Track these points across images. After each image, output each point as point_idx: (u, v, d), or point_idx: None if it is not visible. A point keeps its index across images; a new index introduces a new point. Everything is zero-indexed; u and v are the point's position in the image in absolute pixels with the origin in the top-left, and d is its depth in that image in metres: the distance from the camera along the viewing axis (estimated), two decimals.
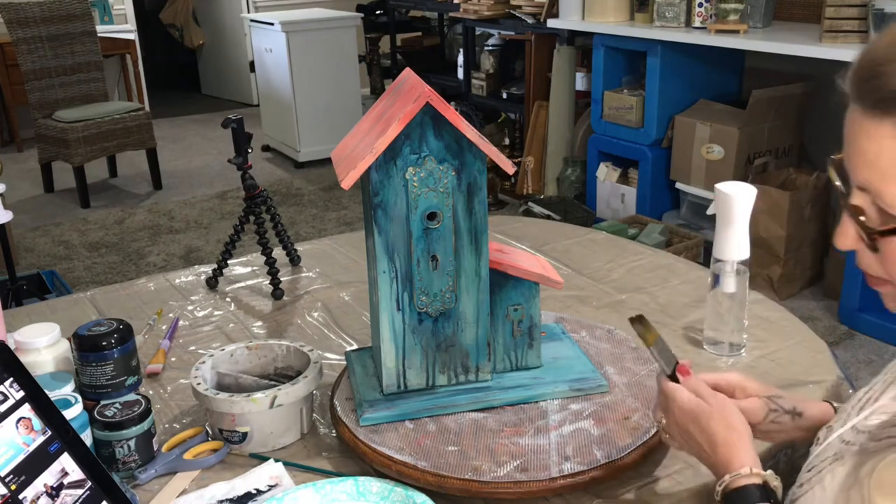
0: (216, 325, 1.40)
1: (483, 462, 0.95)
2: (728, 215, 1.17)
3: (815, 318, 3.03)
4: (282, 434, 1.05)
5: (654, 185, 3.61)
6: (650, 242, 3.15)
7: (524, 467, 0.94)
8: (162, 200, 4.68)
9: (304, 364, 1.10)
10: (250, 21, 5.40)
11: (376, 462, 0.97)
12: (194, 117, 6.74)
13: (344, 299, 1.48)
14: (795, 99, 3.40)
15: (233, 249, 1.54)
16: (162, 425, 1.11)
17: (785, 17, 3.44)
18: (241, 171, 1.49)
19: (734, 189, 1.17)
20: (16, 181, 5.01)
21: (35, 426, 0.84)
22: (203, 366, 1.09)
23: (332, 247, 1.73)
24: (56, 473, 0.83)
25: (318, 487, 0.93)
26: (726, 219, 1.18)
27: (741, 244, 1.18)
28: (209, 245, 3.99)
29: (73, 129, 4.40)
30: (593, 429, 1.01)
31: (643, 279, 1.51)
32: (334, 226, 4.16)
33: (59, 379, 1.02)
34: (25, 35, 4.48)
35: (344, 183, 0.93)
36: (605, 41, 3.69)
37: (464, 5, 4.62)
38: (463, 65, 5.00)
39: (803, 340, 1.27)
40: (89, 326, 1.05)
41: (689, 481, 0.96)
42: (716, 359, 1.22)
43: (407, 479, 0.94)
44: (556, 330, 1.21)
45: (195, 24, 7.32)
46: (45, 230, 4.23)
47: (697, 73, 3.52)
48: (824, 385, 1.15)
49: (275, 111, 5.29)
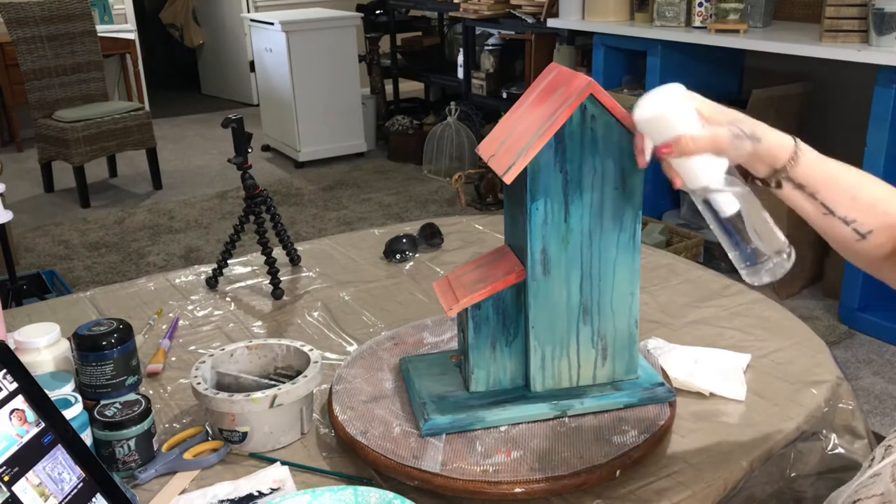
0: (216, 325, 1.40)
1: (483, 462, 0.95)
2: (668, 128, 0.86)
3: (815, 318, 3.03)
4: (282, 434, 1.05)
5: (654, 184, 3.61)
6: (650, 242, 3.15)
7: (525, 467, 0.94)
8: (162, 200, 4.68)
9: (304, 364, 1.10)
10: (250, 21, 5.39)
11: (379, 464, 0.97)
12: (194, 117, 6.74)
13: (344, 299, 1.48)
14: (795, 99, 3.40)
15: (233, 249, 1.54)
16: (162, 425, 1.11)
17: (785, 16, 3.44)
18: (241, 171, 1.49)
19: (657, 101, 0.87)
20: (16, 181, 5.01)
21: (28, 418, 0.84)
22: (203, 365, 1.09)
23: (332, 247, 1.73)
24: (49, 465, 0.83)
25: (315, 495, 0.93)
26: (667, 133, 0.86)
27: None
28: (209, 245, 3.98)
29: (73, 128, 4.40)
30: (593, 429, 1.01)
31: (643, 279, 1.49)
32: (334, 226, 4.16)
33: (59, 379, 1.02)
34: (25, 35, 4.48)
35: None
36: (605, 41, 3.69)
37: (464, 5, 4.62)
38: (463, 64, 5.01)
39: (803, 340, 1.27)
40: (89, 326, 1.05)
41: (690, 481, 0.96)
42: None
43: (406, 478, 0.94)
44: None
45: (195, 24, 7.32)
46: (45, 230, 4.23)
47: (697, 72, 3.52)
48: (824, 385, 1.15)
49: (275, 111, 5.29)
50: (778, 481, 1.04)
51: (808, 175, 0.87)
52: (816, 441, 1.09)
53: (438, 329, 1.27)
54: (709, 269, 1.56)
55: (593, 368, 1.06)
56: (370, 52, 5.63)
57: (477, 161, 4.51)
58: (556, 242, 0.99)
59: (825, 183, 0.87)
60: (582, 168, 0.97)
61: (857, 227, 0.87)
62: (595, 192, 0.98)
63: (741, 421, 1.08)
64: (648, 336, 1.26)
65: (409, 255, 1.64)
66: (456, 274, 1.08)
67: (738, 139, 0.85)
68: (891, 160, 2.71)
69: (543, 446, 0.97)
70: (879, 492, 0.76)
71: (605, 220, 1.00)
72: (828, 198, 0.87)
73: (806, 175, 0.87)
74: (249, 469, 1.01)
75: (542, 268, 1.00)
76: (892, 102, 2.65)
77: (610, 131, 0.96)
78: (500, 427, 1.01)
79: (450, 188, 4.57)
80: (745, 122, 0.87)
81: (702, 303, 1.41)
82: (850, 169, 0.88)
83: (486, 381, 1.05)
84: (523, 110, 1.04)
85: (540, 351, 1.03)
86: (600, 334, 1.04)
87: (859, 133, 2.81)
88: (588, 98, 0.94)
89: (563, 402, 1.03)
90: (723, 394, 1.12)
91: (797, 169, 0.87)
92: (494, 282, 1.00)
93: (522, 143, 0.96)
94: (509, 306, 1.02)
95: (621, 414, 1.03)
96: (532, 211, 0.97)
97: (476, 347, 1.03)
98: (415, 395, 1.06)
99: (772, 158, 0.86)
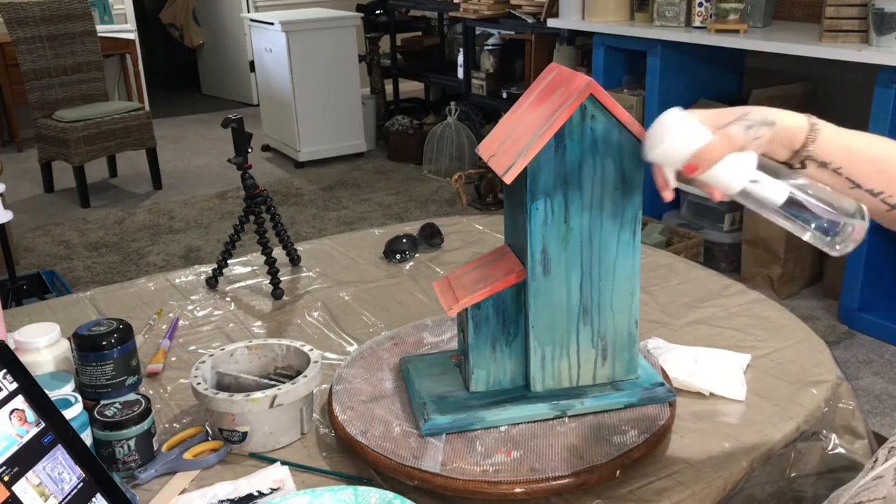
0: (216, 325, 1.40)
1: (483, 462, 0.95)
2: (678, 146, 0.86)
3: (815, 318, 3.03)
4: (282, 434, 1.05)
5: (653, 184, 3.61)
6: (650, 242, 3.15)
7: (525, 467, 0.94)
8: (162, 200, 4.68)
9: (304, 364, 1.10)
10: (250, 21, 5.40)
11: (379, 464, 0.97)
12: (194, 117, 6.74)
13: (344, 299, 1.48)
14: (795, 99, 3.40)
15: (233, 249, 1.54)
16: (162, 425, 1.11)
17: (785, 16, 3.44)
18: (241, 171, 1.49)
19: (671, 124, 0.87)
20: (16, 181, 5.01)
21: (28, 418, 0.84)
22: (203, 365, 1.09)
23: (332, 247, 1.73)
24: (49, 465, 0.83)
25: (315, 495, 0.93)
26: (679, 149, 0.86)
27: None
28: (209, 245, 3.99)
29: (73, 128, 4.40)
30: (593, 429, 1.01)
31: (643, 279, 1.49)
32: (334, 226, 4.16)
33: (59, 379, 1.02)
34: (25, 35, 4.48)
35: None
36: (605, 41, 3.69)
37: (464, 5, 4.62)
38: (463, 64, 5.01)
39: (803, 340, 1.27)
40: (89, 326, 1.05)
41: (690, 481, 0.96)
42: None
43: (406, 478, 0.94)
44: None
45: (195, 24, 7.32)
46: (45, 230, 4.23)
47: (697, 72, 3.52)
48: (824, 385, 1.15)
49: (275, 111, 5.29)
50: (778, 481, 1.04)
51: (828, 152, 0.86)
52: (816, 441, 1.09)
53: (438, 329, 1.27)
54: (709, 269, 1.56)
55: (593, 368, 1.06)
56: (370, 52, 5.63)
57: (477, 161, 4.51)
58: (556, 242, 0.99)
59: (847, 157, 0.86)
60: (582, 168, 0.97)
61: (885, 199, 0.86)
62: (595, 192, 0.98)
63: (741, 421, 1.08)
64: (648, 336, 1.27)
65: (409, 255, 1.64)
66: (456, 274, 1.08)
67: (751, 129, 0.84)
68: None
69: (543, 446, 0.97)
70: (882, 495, 0.75)
71: (605, 220, 1.00)
72: (853, 172, 0.86)
73: (827, 152, 0.86)
74: (249, 469, 1.01)
75: (542, 268, 1.00)
76: (892, 102, 2.65)
77: (610, 131, 0.96)
78: (500, 427, 1.01)
79: (450, 188, 4.57)
80: (754, 111, 0.86)
81: (702, 303, 1.41)
82: (874, 139, 0.87)
83: (486, 381, 1.05)
84: (523, 110, 1.04)
85: (540, 351, 1.03)
86: (600, 334, 1.04)
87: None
88: (588, 98, 0.94)
89: (563, 402, 1.03)
90: (723, 394, 1.12)
91: (816, 146, 0.86)
92: (494, 282, 1.00)
93: (522, 143, 0.96)
94: (509, 306, 1.02)
95: (621, 414, 1.03)
96: (532, 211, 0.97)
97: (476, 347, 1.03)
98: (415, 395, 1.06)
99: (790, 140, 0.86)
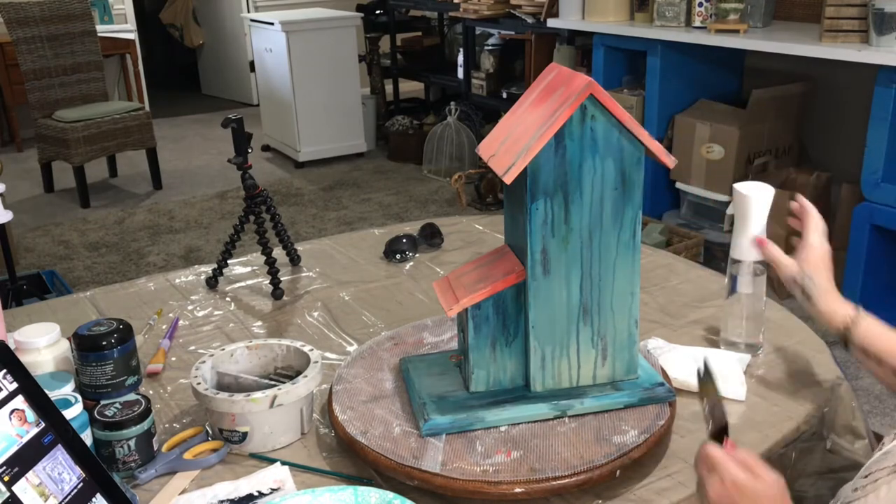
0: (216, 325, 1.40)
1: (483, 462, 0.95)
2: (745, 215, 1.18)
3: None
4: (282, 434, 1.05)
5: (653, 184, 3.61)
6: (650, 242, 3.15)
7: (525, 467, 0.94)
8: (162, 200, 4.68)
9: (304, 364, 1.10)
10: (250, 21, 5.39)
11: (379, 464, 0.97)
12: (194, 117, 6.74)
13: (344, 299, 1.48)
14: (795, 99, 3.40)
15: (233, 249, 1.54)
16: (162, 425, 1.11)
17: (785, 16, 3.44)
18: (241, 171, 1.49)
19: (751, 189, 1.17)
20: (16, 181, 5.01)
21: (28, 418, 0.84)
22: (203, 366, 1.09)
23: (332, 247, 1.73)
24: (49, 465, 0.83)
25: (315, 495, 0.93)
26: (744, 219, 1.18)
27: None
28: (209, 245, 3.98)
29: (73, 128, 4.40)
30: (593, 429, 1.01)
31: (643, 279, 1.50)
32: (334, 226, 4.16)
33: (59, 379, 1.02)
34: (25, 35, 4.48)
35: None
36: (605, 41, 3.69)
37: (464, 5, 4.62)
38: (463, 64, 5.00)
39: (803, 340, 1.27)
40: (89, 326, 1.05)
41: (690, 481, 0.96)
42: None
43: (406, 478, 0.94)
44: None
45: (195, 24, 7.32)
46: (45, 230, 4.23)
47: (697, 72, 3.52)
48: (824, 385, 1.15)
49: (275, 111, 5.29)
50: None
51: (869, 343, 0.99)
52: (816, 441, 1.09)
53: (438, 329, 1.27)
54: (709, 269, 1.56)
55: (593, 368, 1.06)
56: (370, 52, 5.63)
57: (477, 161, 4.51)
58: (556, 242, 0.99)
59: (890, 352, 0.97)
60: (582, 168, 0.97)
61: None
62: (595, 192, 0.98)
63: (741, 421, 1.08)
64: (648, 336, 1.26)
65: (409, 255, 1.64)
66: (456, 274, 1.08)
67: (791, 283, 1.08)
68: (891, 160, 2.71)
69: (543, 446, 0.97)
70: (892, 463, 0.77)
71: (605, 220, 1.00)
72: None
73: (867, 343, 0.99)
74: (249, 469, 1.01)
75: (542, 268, 1.00)
76: (892, 102, 2.64)
77: (610, 131, 0.96)
78: (500, 427, 1.01)
79: (450, 188, 4.57)
80: (815, 276, 1.05)
81: (702, 303, 1.41)
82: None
83: (486, 381, 1.05)
84: (523, 110, 1.04)
85: (540, 351, 1.03)
86: (600, 334, 1.04)
87: (859, 133, 2.81)
88: (588, 98, 0.94)
89: (563, 402, 1.03)
90: (723, 394, 1.12)
91: (856, 336, 1.00)
92: (494, 282, 1.00)
93: (522, 143, 0.96)
94: (509, 306, 1.02)
95: (621, 414, 1.03)
96: (532, 211, 0.97)
97: (476, 347, 1.03)
98: (415, 395, 1.06)
99: (826, 322, 1.01)
